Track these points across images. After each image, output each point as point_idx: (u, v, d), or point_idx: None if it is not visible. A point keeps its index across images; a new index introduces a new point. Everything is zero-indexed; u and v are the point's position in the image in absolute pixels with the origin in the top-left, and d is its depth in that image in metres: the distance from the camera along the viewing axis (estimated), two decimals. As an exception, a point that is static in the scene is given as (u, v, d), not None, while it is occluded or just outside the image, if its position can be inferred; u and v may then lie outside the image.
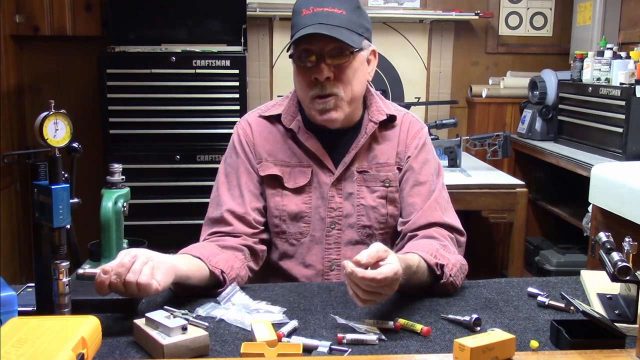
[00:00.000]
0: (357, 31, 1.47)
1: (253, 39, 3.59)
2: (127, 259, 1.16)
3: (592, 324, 1.12)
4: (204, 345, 1.08)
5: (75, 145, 1.19)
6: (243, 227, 1.50)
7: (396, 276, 1.16)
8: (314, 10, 1.45)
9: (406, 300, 1.34)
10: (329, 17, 1.44)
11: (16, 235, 3.24)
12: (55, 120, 1.12)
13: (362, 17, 1.50)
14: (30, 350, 0.93)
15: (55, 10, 3.23)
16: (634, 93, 2.70)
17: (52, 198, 1.09)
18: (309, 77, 1.48)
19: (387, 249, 1.20)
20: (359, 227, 1.56)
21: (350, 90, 1.49)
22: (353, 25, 1.46)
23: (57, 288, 1.12)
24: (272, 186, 1.56)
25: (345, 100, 1.49)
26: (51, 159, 1.12)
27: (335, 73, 1.46)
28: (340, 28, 1.43)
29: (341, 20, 1.44)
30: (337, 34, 1.42)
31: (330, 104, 1.48)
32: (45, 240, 1.14)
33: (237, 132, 1.61)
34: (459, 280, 1.40)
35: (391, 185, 1.57)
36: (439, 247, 1.41)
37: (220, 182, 1.57)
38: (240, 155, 1.57)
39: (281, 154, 1.57)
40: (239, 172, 1.56)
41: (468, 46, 3.84)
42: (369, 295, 1.16)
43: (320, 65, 1.45)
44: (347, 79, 1.48)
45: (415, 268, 1.31)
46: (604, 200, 2.33)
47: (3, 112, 3.10)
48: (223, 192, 1.54)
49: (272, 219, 1.56)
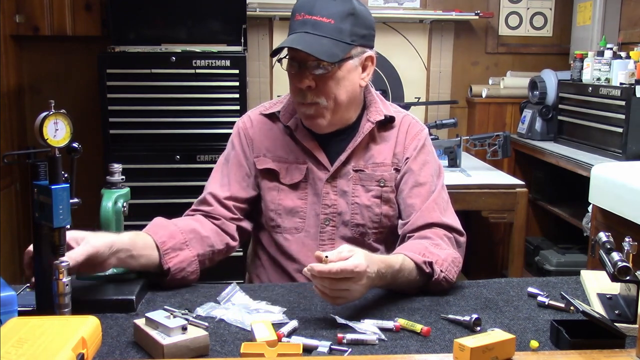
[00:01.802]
0: (345, 40, 1.47)
1: (253, 39, 3.59)
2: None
3: (592, 324, 1.12)
4: (204, 345, 1.08)
5: (75, 145, 1.19)
6: (222, 210, 1.56)
7: (357, 269, 1.18)
8: (304, 17, 1.46)
9: (406, 300, 1.34)
10: (315, 26, 1.45)
11: (16, 235, 3.24)
12: (56, 120, 1.12)
13: (357, 24, 1.48)
14: (30, 350, 0.93)
15: (55, 10, 3.23)
16: (634, 93, 2.70)
17: (52, 198, 1.09)
18: (295, 84, 1.51)
19: (353, 249, 1.23)
20: (353, 225, 1.57)
21: (333, 100, 1.51)
22: (340, 34, 1.46)
23: (57, 288, 1.12)
24: (268, 180, 1.59)
25: (328, 108, 1.51)
26: (51, 159, 1.12)
27: (317, 83, 1.48)
28: (323, 39, 1.44)
29: (327, 30, 1.45)
30: (314, 48, 1.42)
31: (311, 110, 1.51)
32: (45, 240, 1.14)
33: (237, 126, 1.66)
34: (452, 274, 1.40)
35: (386, 185, 1.57)
36: (428, 246, 1.42)
37: (214, 171, 1.64)
38: (235, 148, 1.62)
39: (279, 150, 1.59)
40: (230, 163, 1.61)
41: (468, 46, 3.84)
42: (335, 292, 1.19)
43: (301, 73, 1.48)
44: (328, 89, 1.49)
45: (399, 267, 1.32)
46: (604, 200, 2.33)
47: (3, 112, 3.10)
48: (212, 178, 1.62)
49: (268, 212, 1.58)
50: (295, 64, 1.48)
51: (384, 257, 1.31)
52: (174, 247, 1.42)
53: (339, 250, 1.22)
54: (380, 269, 1.26)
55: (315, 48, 1.43)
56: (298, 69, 1.48)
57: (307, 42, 1.43)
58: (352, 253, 1.21)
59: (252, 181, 1.60)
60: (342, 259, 1.19)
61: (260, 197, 1.61)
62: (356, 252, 1.22)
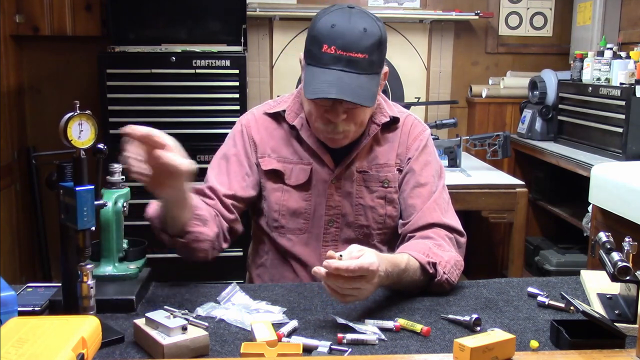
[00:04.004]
0: (377, 71, 1.45)
1: (253, 39, 3.59)
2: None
3: (592, 324, 1.12)
4: (204, 345, 1.08)
5: (100, 147, 1.18)
6: (221, 207, 1.53)
7: (372, 268, 1.18)
8: (336, 52, 1.39)
9: (406, 300, 1.34)
10: (350, 63, 1.39)
11: (16, 235, 3.24)
12: (80, 121, 1.11)
13: (383, 51, 1.46)
14: (30, 350, 0.93)
15: (55, 10, 3.23)
16: (634, 93, 2.70)
17: (76, 200, 1.08)
18: (322, 113, 1.47)
19: (363, 248, 1.22)
20: (357, 226, 1.57)
21: (361, 123, 1.50)
22: (372, 67, 1.43)
23: (81, 290, 1.12)
24: (273, 181, 1.57)
25: (355, 131, 1.51)
26: (76, 160, 1.11)
27: (349, 114, 1.46)
28: (360, 77, 1.40)
29: (362, 66, 1.41)
30: (357, 94, 1.38)
31: (340, 135, 1.50)
32: (71, 242, 1.13)
33: (240, 123, 1.63)
34: (454, 277, 1.40)
35: (390, 186, 1.57)
36: (431, 246, 1.42)
37: (212, 165, 1.61)
38: (237, 146, 1.60)
39: (284, 151, 1.58)
40: (230, 161, 1.59)
41: (468, 46, 3.84)
42: (347, 290, 1.18)
43: (336, 109, 1.44)
44: (360, 118, 1.49)
45: (404, 266, 1.32)
46: (604, 200, 2.33)
47: (3, 112, 3.10)
48: (210, 172, 1.59)
49: (272, 213, 1.57)
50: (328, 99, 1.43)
51: (390, 256, 1.31)
52: (201, 217, 1.43)
53: (349, 250, 1.21)
54: (388, 268, 1.26)
55: (358, 93, 1.39)
56: (331, 104, 1.44)
57: (349, 88, 1.38)
58: (363, 252, 1.21)
59: (252, 181, 1.58)
60: (353, 258, 1.19)
61: (259, 197, 1.60)
62: (366, 251, 1.21)
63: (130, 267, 1.38)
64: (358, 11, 1.45)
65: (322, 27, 1.41)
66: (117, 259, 1.38)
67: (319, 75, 1.40)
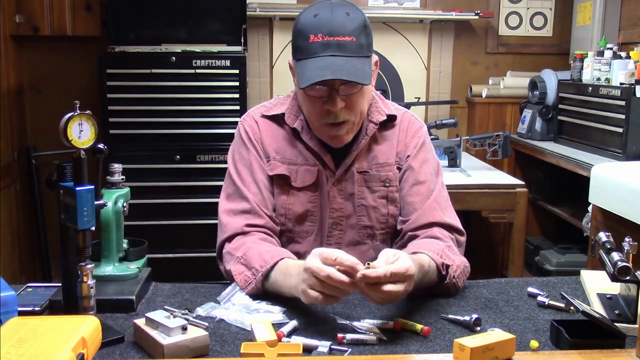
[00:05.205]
0: (366, 54, 1.45)
1: (253, 39, 3.59)
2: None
3: (592, 324, 1.12)
4: (204, 345, 1.08)
5: (100, 146, 1.18)
6: (271, 223, 1.52)
7: (409, 272, 1.16)
8: (323, 39, 1.40)
9: (406, 300, 1.33)
10: (340, 47, 1.39)
11: (16, 235, 3.24)
12: (80, 121, 1.11)
13: (369, 34, 1.46)
14: (30, 350, 0.93)
15: (55, 10, 3.22)
16: (634, 93, 2.70)
17: (76, 200, 1.08)
18: (320, 107, 1.46)
19: (396, 252, 1.20)
20: (360, 227, 1.56)
21: (360, 113, 1.49)
22: (362, 50, 1.43)
23: (80, 290, 1.12)
24: (279, 185, 1.56)
25: (356, 123, 1.50)
26: (76, 160, 1.11)
27: (347, 101, 1.45)
28: (352, 59, 1.40)
29: (352, 49, 1.40)
30: (352, 73, 1.38)
31: (342, 131, 1.48)
32: (71, 242, 1.13)
33: (243, 128, 1.59)
34: (461, 282, 1.40)
35: (391, 185, 1.57)
36: (444, 248, 1.42)
37: (235, 177, 1.55)
38: (251, 150, 1.56)
39: (288, 153, 1.56)
40: (252, 168, 1.54)
41: (468, 46, 3.84)
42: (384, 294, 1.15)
43: (333, 97, 1.43)
44: (359, 105, 1.47)
45: (427, 267, 1.32)
46: (604, 200, 2.33)
47: (3, 112, 3.10)
48: (241, 186, 1.53)
49: (278, 217, 1.56)
50: (323, 87, 1.43)
51: (415, 257, 1.29)
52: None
53: (385, 257, 1.19)
54: (416, 271, 1.24)
55: (353, 72, 1.39)
56: (328, 93, 1.43)
57: (343, 68, 1.38)
58: (397, 257, 1.19)
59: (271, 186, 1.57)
60: (388, 264, 1.17)
61: None
62: (401, 256, 1.19)
63: (130, 267, 1.38)
64: (338, 1, 1.46)
65: (305, 19, 1.43)
66: (117, 259, 1.38)
67: (310, 64, 1.41)
